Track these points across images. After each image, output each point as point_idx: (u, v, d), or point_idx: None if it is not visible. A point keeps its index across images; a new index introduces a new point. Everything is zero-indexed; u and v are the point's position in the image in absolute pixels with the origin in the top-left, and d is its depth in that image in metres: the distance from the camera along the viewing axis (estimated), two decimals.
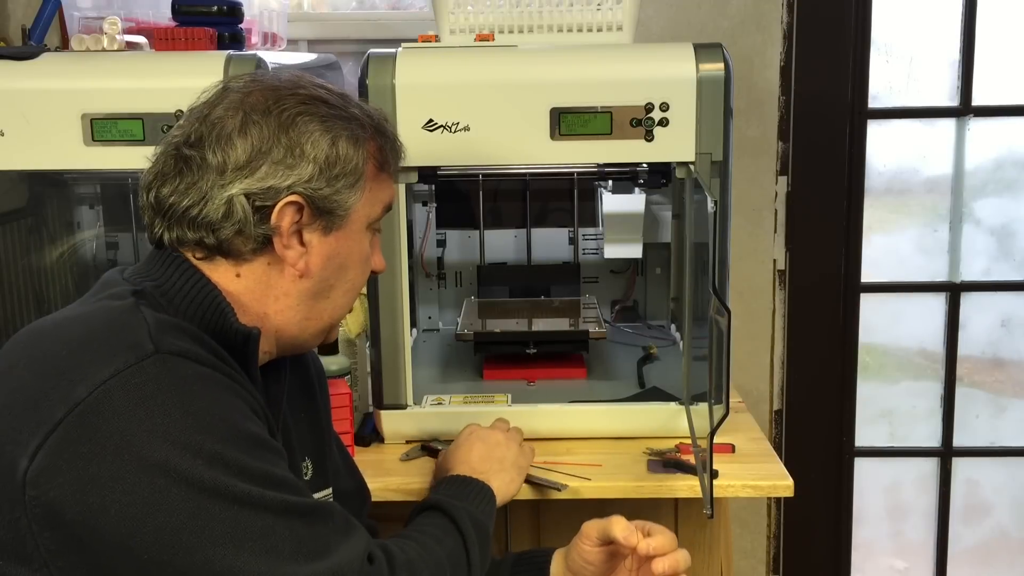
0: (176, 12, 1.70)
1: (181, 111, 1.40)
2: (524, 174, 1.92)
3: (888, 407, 2.52)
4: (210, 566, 0.85)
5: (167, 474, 0.83)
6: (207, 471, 0.85)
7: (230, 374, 0.94)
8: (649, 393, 1.68)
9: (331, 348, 1.66)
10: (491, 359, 1.79)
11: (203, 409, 0.88)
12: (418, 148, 1.51)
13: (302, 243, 1.01)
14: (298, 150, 0.98)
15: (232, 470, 0.86)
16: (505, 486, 1.31)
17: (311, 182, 0.98)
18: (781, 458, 1.56)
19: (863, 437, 2.49)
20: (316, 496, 1.15)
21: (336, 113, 1.01)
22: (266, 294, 1.02)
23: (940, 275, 2.44)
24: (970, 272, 2.43)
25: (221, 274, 1.00)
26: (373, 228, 1.09)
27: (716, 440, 1.33)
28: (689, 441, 1.53)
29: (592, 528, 1.19)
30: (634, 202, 1.79)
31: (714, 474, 1.32)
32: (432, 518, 1.17)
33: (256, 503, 0.87)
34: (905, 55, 2.35)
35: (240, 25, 1.73)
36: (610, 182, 1.82)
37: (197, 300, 0.98)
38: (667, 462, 1.50)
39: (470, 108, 1.50)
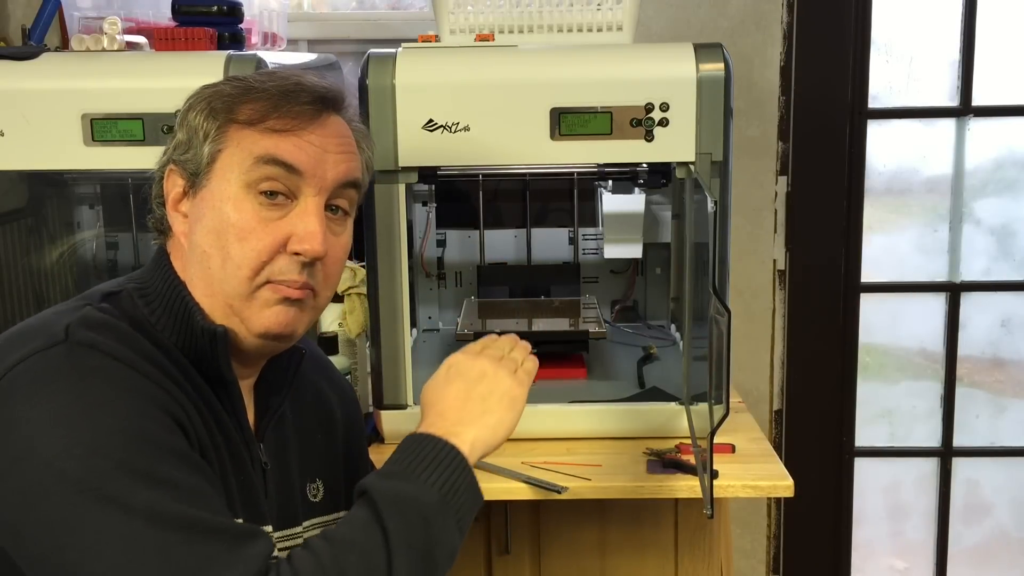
0: (176, 12, 1.70)
1: None
2: (524, 174, 1.92)
3: (888, 407, 2.52)
4: (75, 569, 0.82)
5: (49, 465, 0.83)
6: (83, 469, 0.83)
7: (149, 373, 0.91)
8: (649, 393, 1.67)
9: (331, 348, 1.66)
10: None
11: (98, 402, 0.86)
12: (418, 148, 1.51)
13: (186, 215, 1.02)
14: (178, 128, 1.03)
15: (109, 470, 0.83)
16: (488, 433, 1.02)
17: (178, 149, 1.02)
18: (781, 458, 1.56)
19: (863, 437, 2.49)
20: (327, 519, 1.13)
21: (218, 88, 1.02)
22: (184, 271, 1.03)
23: (940, 275, 2.44)
24: (970, 272, 2.43)
25: (178, 255, 1.03)
26: (259, 190, 0.97)
27: (716, 440, 1.33)
28: (689, 441, 1.53)
29: None
30: (634, 202, 1.79)
31: (714, 474, 1.32)
32: (357, 509, 0.93)
33: (128, 508, 0.83)
34: (905, 55, 2.35)
35: (240, 25, 1.73)
36: (610, 182, 1.82)
37: (168, 299, 0.99)
38: (667, 462, 1.49)
39: (470, 108, 1.50)
